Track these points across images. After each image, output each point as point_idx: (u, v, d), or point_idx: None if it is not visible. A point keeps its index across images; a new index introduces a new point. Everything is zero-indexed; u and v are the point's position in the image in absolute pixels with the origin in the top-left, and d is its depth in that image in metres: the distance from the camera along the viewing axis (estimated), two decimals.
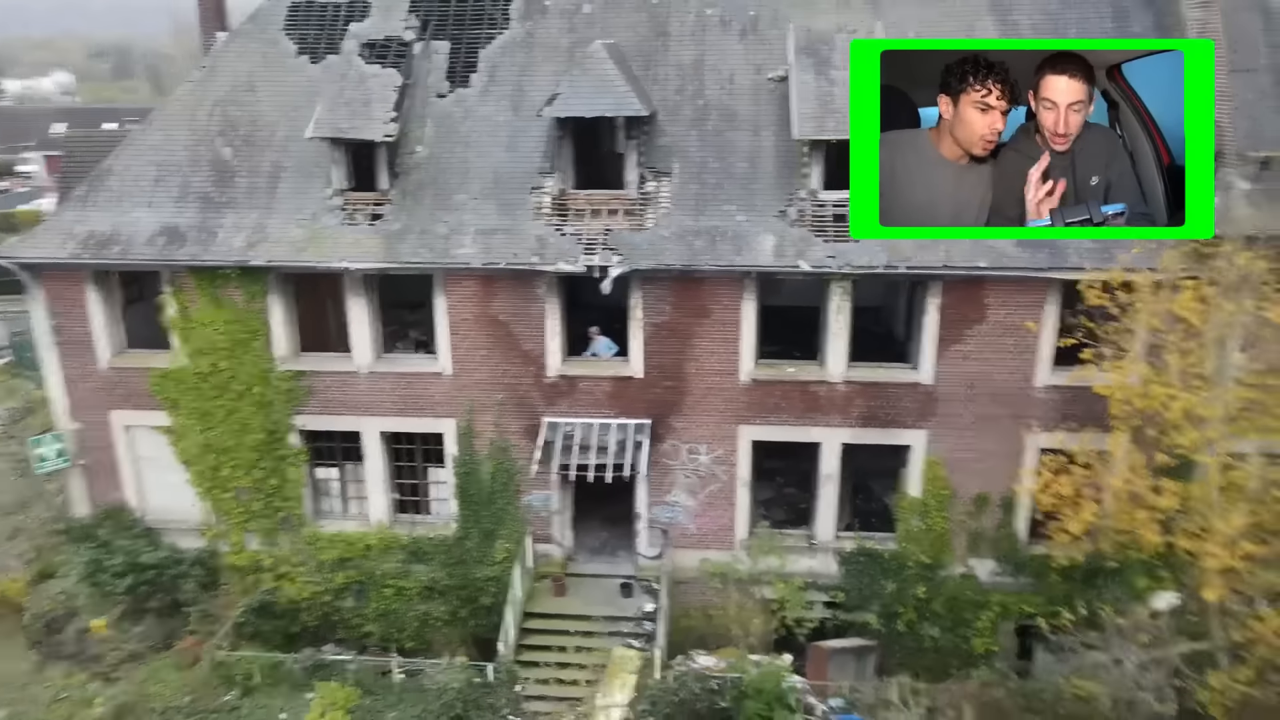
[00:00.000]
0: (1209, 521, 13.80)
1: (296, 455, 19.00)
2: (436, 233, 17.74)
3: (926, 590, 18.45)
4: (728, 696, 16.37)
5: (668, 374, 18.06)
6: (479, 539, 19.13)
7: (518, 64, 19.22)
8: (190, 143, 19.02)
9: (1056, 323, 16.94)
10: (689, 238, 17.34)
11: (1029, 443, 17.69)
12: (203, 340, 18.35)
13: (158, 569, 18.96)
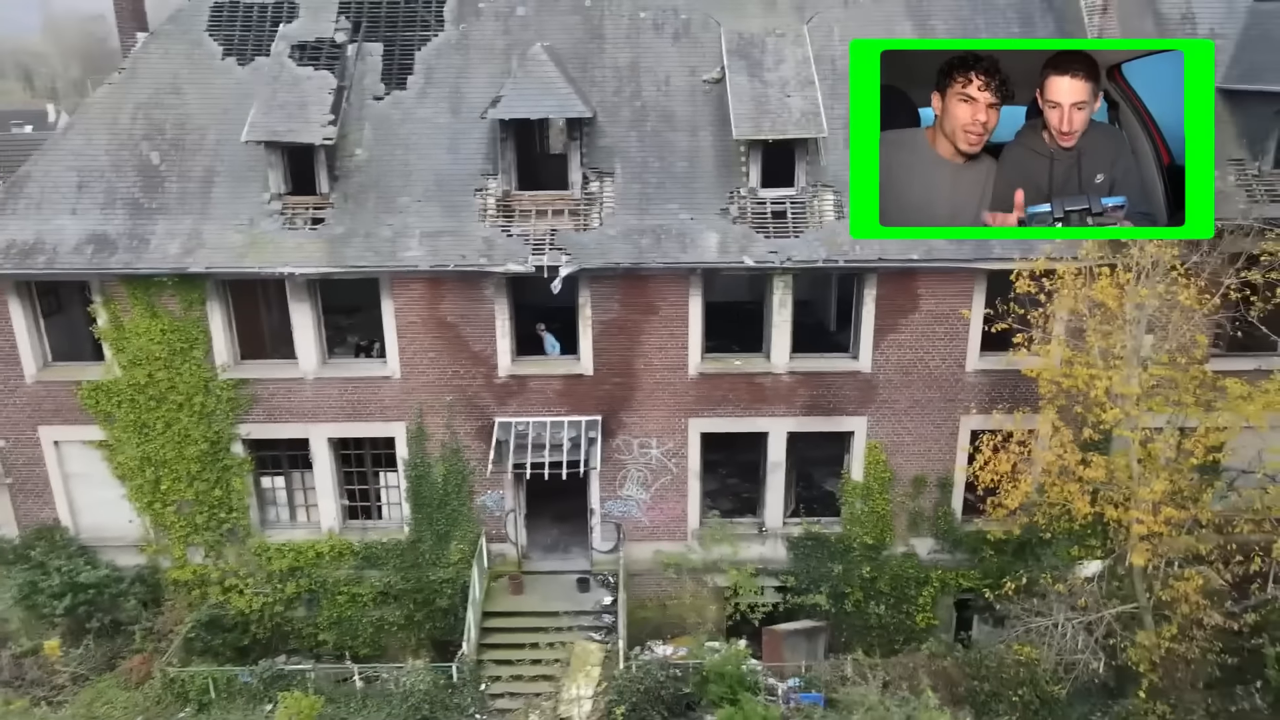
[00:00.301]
0: (1133, 490, 14.86)
1: (241, 465, 18.63)
2: (381, 236, 17.63)
3: (871, 570, 19.26)
4: (690, 682, 16.83)
5: (617, 370, 18.37)
6: (433, 541, 19.12)
7: (454, 66, 19.21)
8: (113, 147, 18.41)
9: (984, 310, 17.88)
10: (635, 236, 17.67)
11: (962, 425, 18.65)
12: (138, 350, 17.84)
13: (97, 588, 18.35)
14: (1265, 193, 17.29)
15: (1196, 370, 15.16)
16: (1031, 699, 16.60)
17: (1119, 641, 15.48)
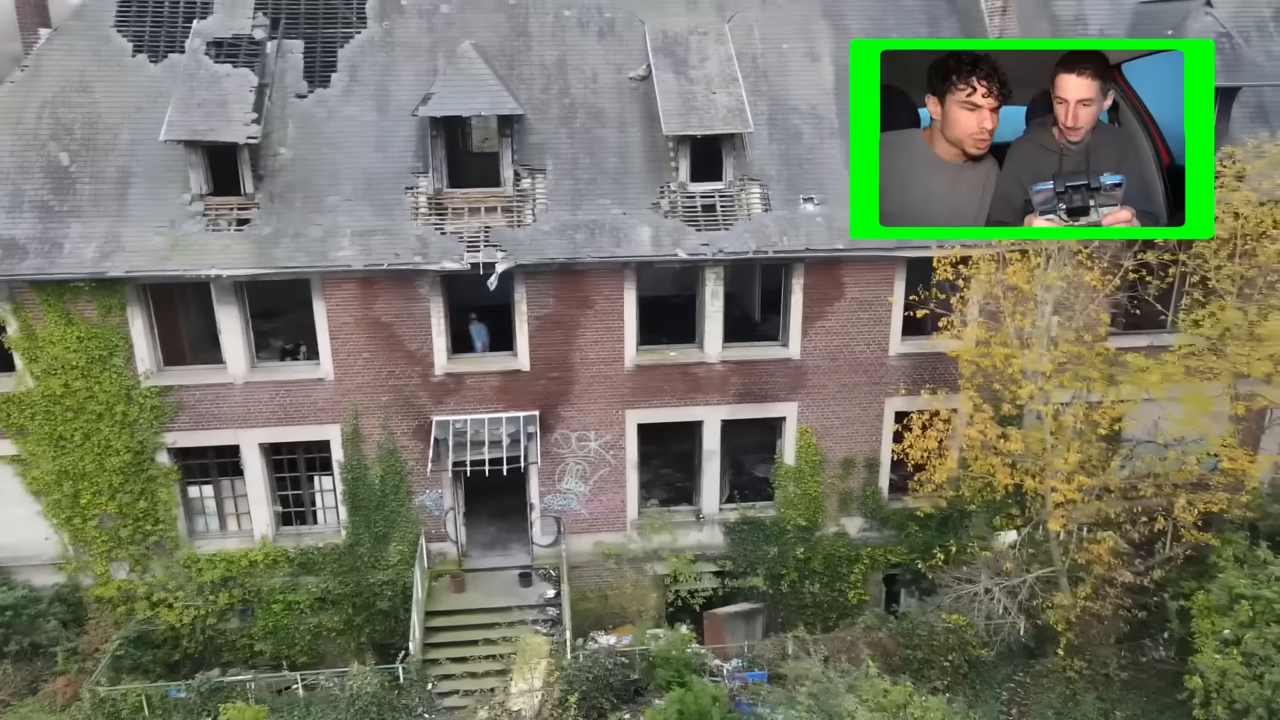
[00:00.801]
0: (1048, 461, 15.87)
1: (167, 475, 18.07)
2: (311, 236, 17.36)
3: (805, 550, 19.95)
4: (637, 669, 17.15)
5: (554, 365, 18.54)
6: (371, 544, 18.92)
7: (379, 64, 19.02)
8: (18, 148, 17.60)
9: (904, 297, 18.74)
10: (569, 232, 17.87)
11: (887, 407, 19.49)
12: (52, 360, 17.11)
13: (14, 610, 17.52)
14: None
15: (1100, 347, 16.27)
16: (960, 663, 17.55)
17: (1041, 603, 16.48)
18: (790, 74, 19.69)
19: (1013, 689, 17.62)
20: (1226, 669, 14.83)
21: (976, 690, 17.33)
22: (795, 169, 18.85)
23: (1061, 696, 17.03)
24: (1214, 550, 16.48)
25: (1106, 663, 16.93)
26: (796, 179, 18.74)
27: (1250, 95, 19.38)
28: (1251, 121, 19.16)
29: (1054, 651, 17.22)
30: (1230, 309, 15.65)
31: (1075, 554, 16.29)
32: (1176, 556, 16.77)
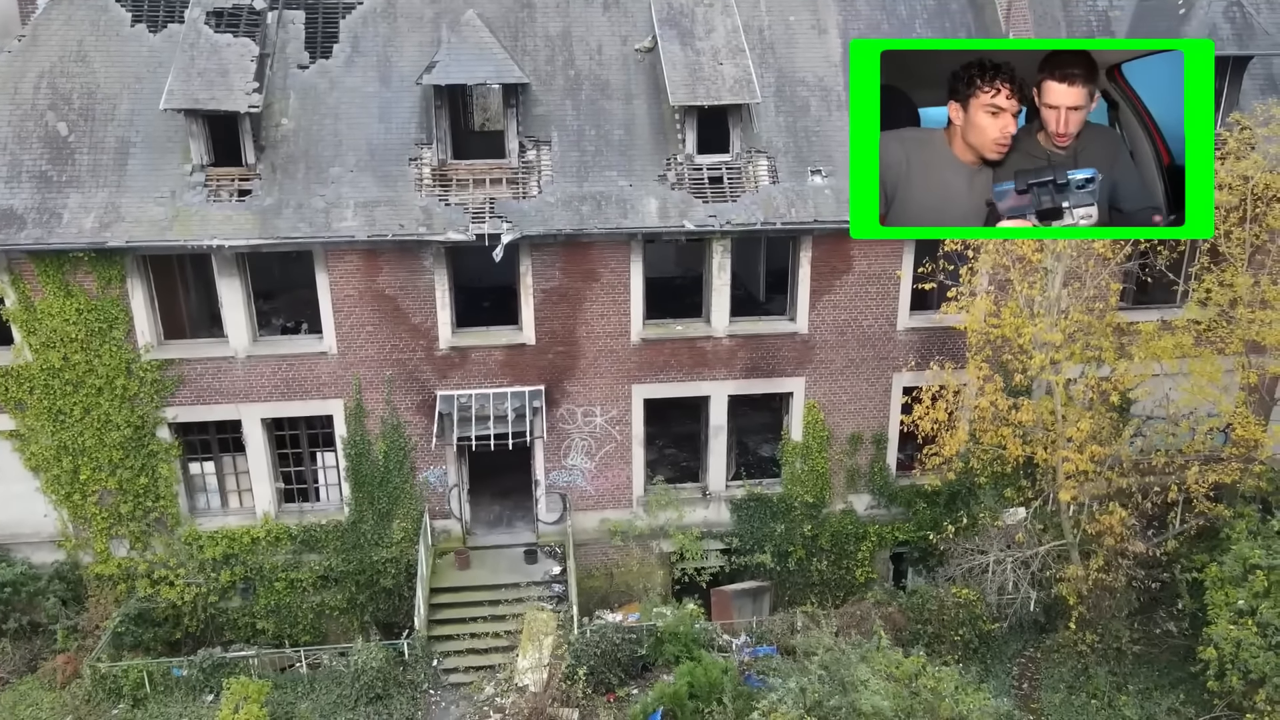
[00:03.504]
0: (1059, 431, 15.71)
1: (168, 450, 17.84)
2: (314, 207, 17.12)
3: (812, 528, 19.78)
4: (644, 644, 16.97)
5: (560, 339, 18.34)
6: (374, 521, 18.71)
7: (381, 35, 18.78)
8: (15, 118, 17.33)
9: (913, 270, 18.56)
10: (575, 203, 17.66)
11: (895, 382, 19.32)
12: (51, 332, 16.87)
13: (13, 587, 17.30)
14: None
15: (1111, 317, 16.12)
16: (971, 638, 17.41)
17: (1053, 574, 16.33)
18: (797, 46, 19.49)
19: (1023, 663, 17.49)
20: (1241, 640, 14.73)
21: (987, 664, 17.20)
22: (803, 141, 18.66)
23: (1073, 670, 16.91)
24: (1226, 523, 16.36)
25: (1118, 636, 16.79)
26: (804, 151, 18.55)
27: (1260, 66, 19.23)
28: (1262, 92, 19.01)
29: (1065, 626, 17.09)
30: (1241, 275, 15.49)
31: (1087, 526, 16.14)
32: (1189, 528, 16.63)
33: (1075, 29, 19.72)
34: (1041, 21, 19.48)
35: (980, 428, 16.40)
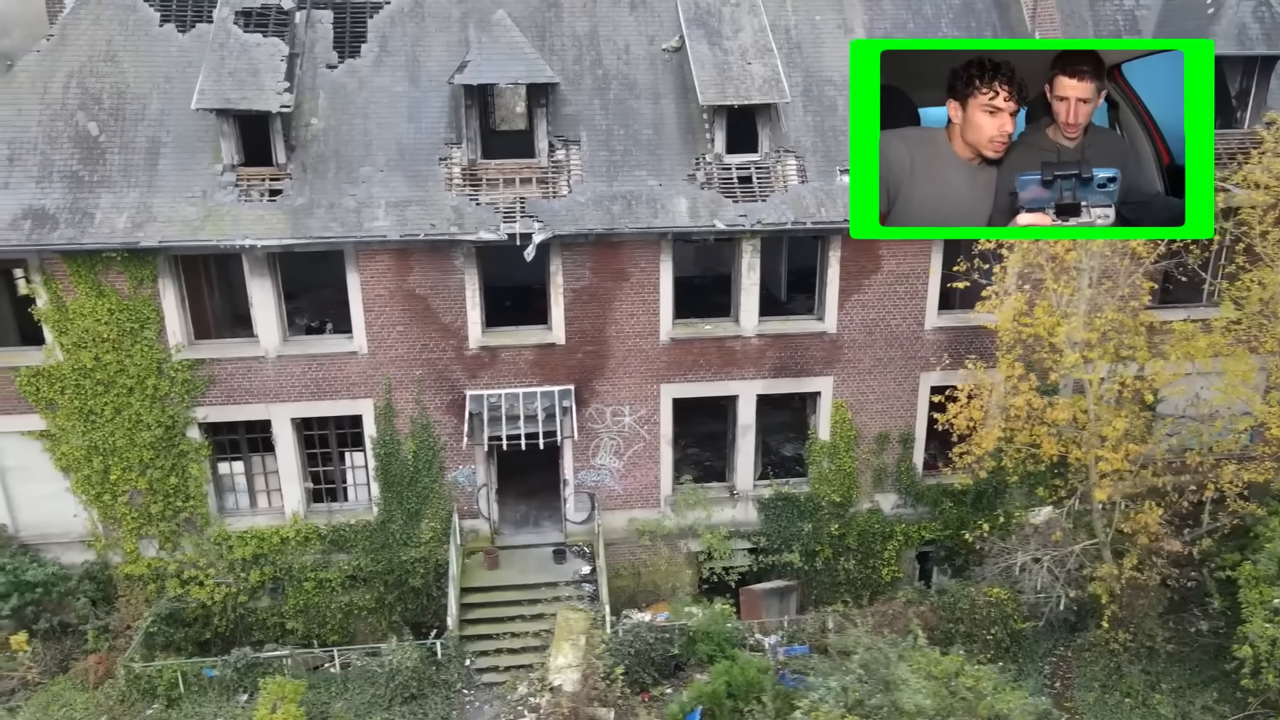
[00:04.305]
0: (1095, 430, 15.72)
1: (198, 450, 17.83)
2: (345, 206, 17.12)
3: (839, 527, 19.79)
4: (677, 644, 16.98)
5: (589, 339, 18.34)
6: (403, 520, 18.70)
7: (409, 35, 18.77)
8: (45, 118, 17.32)
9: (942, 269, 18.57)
10: (606, 203, 17.66)
11: (922, 381, 19.33)
12: (83, 332, 16.86)
13: (44, 587, 17.27)
14: None
15: (1145, 315, 16.14)
16: (1003, 636, 17.43)
17: (1089, 572, 16.34)
18: (824, 46, 19.50)
19: (1054, 662, 17.49)
20: (1276, 638, 14.75)
21: (1020, 663, 17.21)
22: (830, 140, 18.66)
23: (1105, 669, 16.92)
24: (1259, 521, 16.37)
25: (1151, 635, 16.80)
26: (832, 150, 18.56)
27: None
28: None
29: (1096, 625, 17.10)
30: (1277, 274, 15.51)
31: (1122, 524, 16.14)
32: (1222, 526, 16.63)
33: (1102, 28, 19.74)
34: (1069, 21, 19.51)
35: (1015, 426, 16.37)
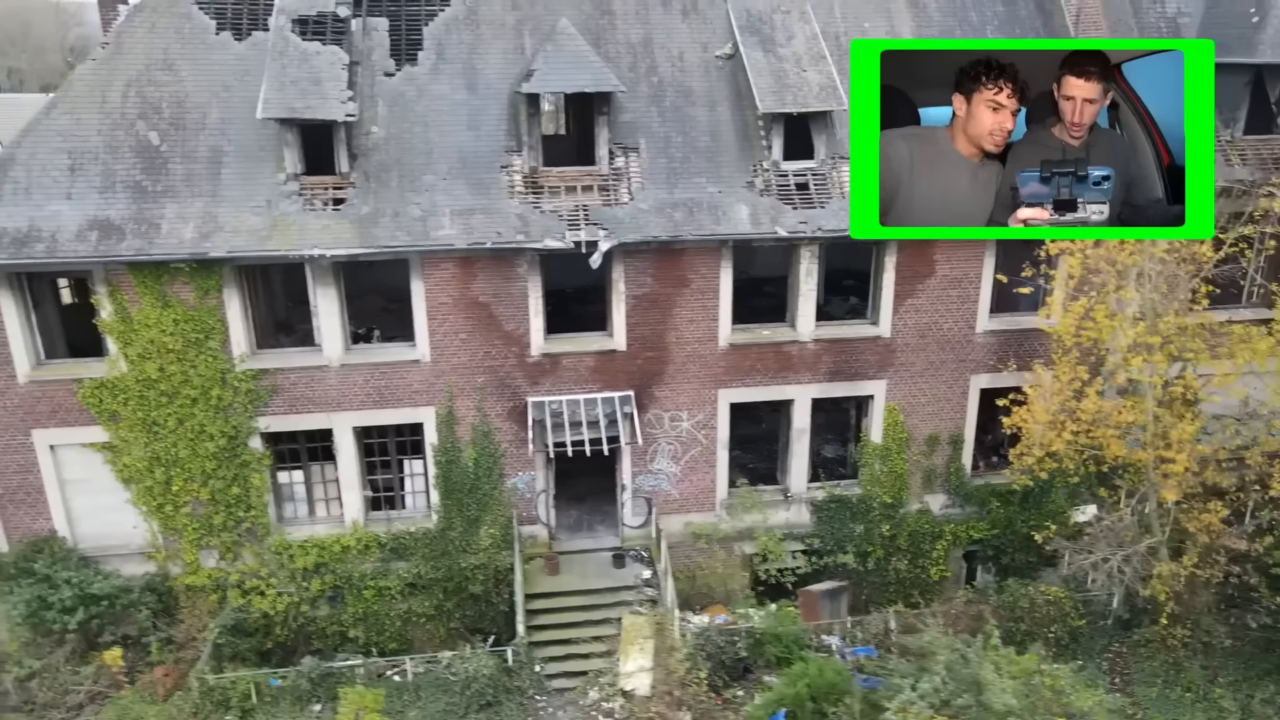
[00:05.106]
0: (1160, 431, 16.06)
1: (260, 460, 17.79)
2: (411, 215, 17.14)
3: (890, 528, 20.06)
4: (744, 646, 17.15)
5: (649, 345, 18.46)
6: (463, 527, 18.75)
7: (465, 42, 18.79)
8: (105, 127, 17.20)
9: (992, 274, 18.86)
10: (668, 210, 17.78)
11: (972, 384, 19.63)
12: (148, 343, 16.78)
13: (109, 600, 17.18)
14: (1238, 157, 18.91)
15: (1205, 317, 16.49)
16: (1062, 634, 17.75)
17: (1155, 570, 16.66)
18: None
19: (1111, 658, 17.83)
20: None
21: (1080, 660, 17.50)
22: None
23: (1164, 664, 17.27)
24: None
25: (1209, 630, 17.18)
26: None
27: None
28: None
29: (1150, 621, 17.45)
30: None
31: (1186, 523, 16.49)
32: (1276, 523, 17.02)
33: (1145, 34, 20.10)
34: (1115, 28, 19.84)
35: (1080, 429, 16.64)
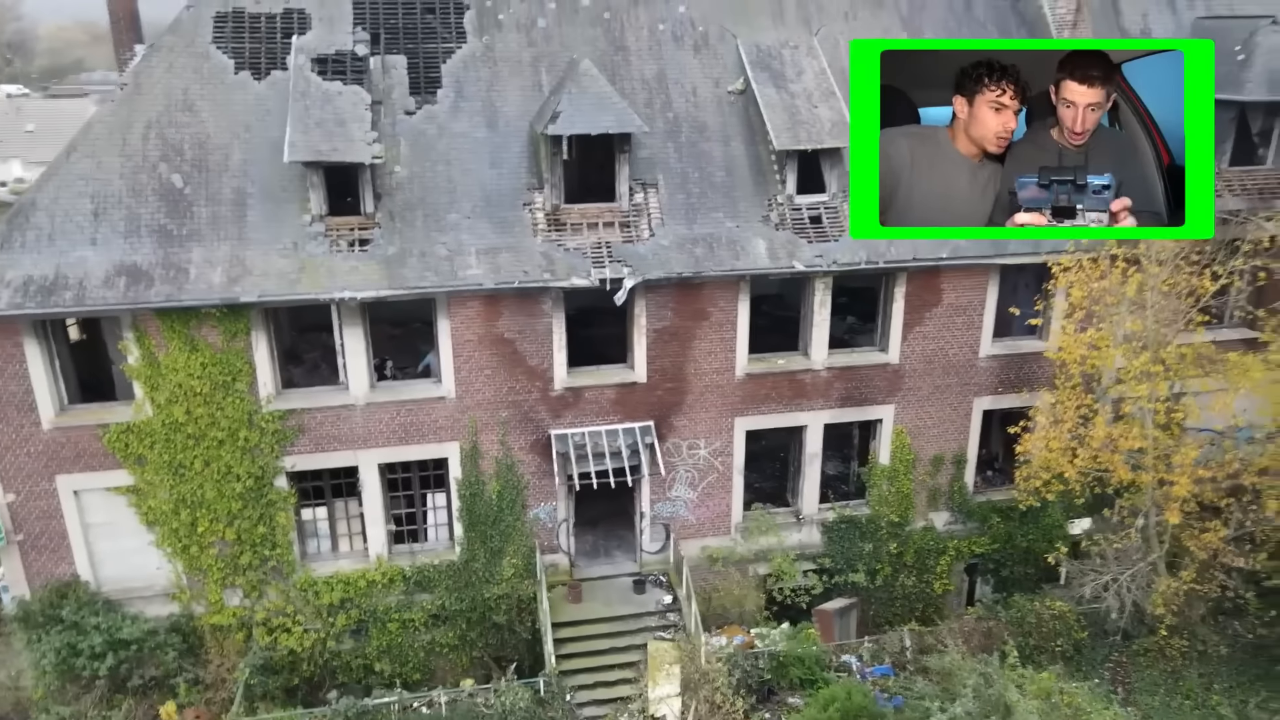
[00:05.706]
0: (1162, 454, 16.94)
1: (285, 499, 17.88)
2: (437, 254, 17.34)
3: (897, 545, 20.78)
4: (767, 668, 17.70)
5: (669, 376, 18.90)
6: (486, 559, 19.02)
7: (483, 79, 19.01)
8: (127, 170, 17.12)
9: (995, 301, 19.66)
10: (688, 245, 18.23)
11: (975, 406, 20.42)
12: (175, 387, 16.77)
13: (138, 644, 17.15)
14: (1224, 187, 19.89)
15: (1202, 344, 17.41)
16: (1066, 647, 18.60)
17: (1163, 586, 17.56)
18: None
19: (1112, 668, 18.75)
20: None
21: (1084, 672, 18.39)
22: None
23: (1163, 673, 18.24)
24: None
25: (1205, 639, 18.16)
26: None
27: None
28: None
29: (1149, 632, 18.40)
30: None
31: (1186, 540, 17.41)
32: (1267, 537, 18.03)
33: None
34: None
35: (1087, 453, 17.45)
